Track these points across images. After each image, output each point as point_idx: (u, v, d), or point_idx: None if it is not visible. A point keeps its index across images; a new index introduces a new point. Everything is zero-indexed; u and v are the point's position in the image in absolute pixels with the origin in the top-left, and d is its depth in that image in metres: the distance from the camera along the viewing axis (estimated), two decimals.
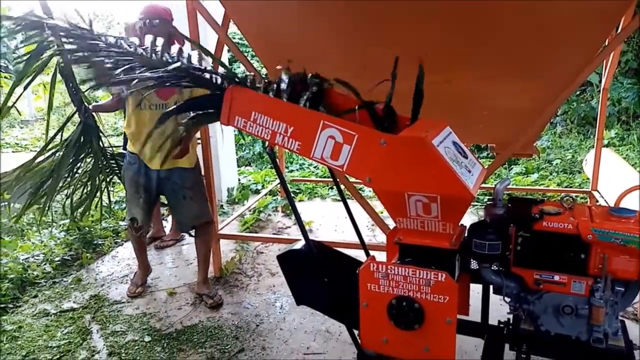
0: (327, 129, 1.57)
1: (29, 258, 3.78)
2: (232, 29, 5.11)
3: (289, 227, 4.62)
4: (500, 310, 1.80)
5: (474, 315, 1.81)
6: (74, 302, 3.25)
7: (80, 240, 4.11)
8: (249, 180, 5.87)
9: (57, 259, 3.84)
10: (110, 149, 3.69)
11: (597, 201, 3.95)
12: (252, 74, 1.90)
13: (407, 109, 1.68)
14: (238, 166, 6.22)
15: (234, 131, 5.53)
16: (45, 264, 3.74)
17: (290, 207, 1.88)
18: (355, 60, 2.81)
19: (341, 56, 2.90)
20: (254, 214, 4.78)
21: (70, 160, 3.39)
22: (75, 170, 3.50)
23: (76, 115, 3.43)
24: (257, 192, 5.56)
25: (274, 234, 4.48)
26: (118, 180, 3.79)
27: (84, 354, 2.69)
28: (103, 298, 3.30)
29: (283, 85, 1.73)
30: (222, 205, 5.18)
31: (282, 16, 2.83)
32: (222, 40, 3.12)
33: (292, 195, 5.40)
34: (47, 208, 3.34)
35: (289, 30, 2.89)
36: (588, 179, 4.32)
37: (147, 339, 2.80)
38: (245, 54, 3.41)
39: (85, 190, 3.51)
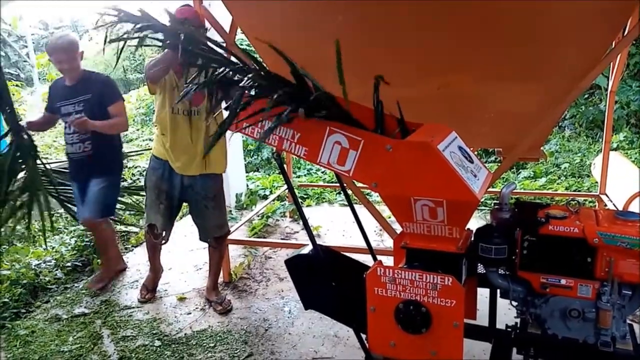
0: (334, 134, 1.59)
1: (40, 264, 3.82)
2: (240, 36, 5.16)
3: (297, 232, 4.63)
4: (508, 314, 1.80)
5: (482, 319, 1.82)
6: (85, 308, 3.29)
7: (91, 247, 4.15)
8: (257, 186, 5.89)
9: (68, 264, 3.88)
10: (46, 166, 3.48)
11: (606, 205, 3.93)
12: None
13: (408, 115, 1.70)
14: (246, 172, 6.25)
15: (242, 137, 5.57)
16: (56, 270, 3.78)
17: (298, 212, 1.87)
18: (358, 64, 2.82)
19: (344, 59, 2.90)
20: (262, 219, 4.80)
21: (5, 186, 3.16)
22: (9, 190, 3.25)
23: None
24: (265, 197, 5.57)
25: (282, 239, 4.50)
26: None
27: (95, 358, 2.72)
28: (114, 303, 3.33)
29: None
30: (230, 211, 5.21)
31: (286, 20, 2.84)
32: (229, 46, 3.13)
33: (300, 200, 5.42)
34: None
35: (293, 34, 2.90)
36: (597, 182, 4.30)
37: (157, 343, 2.83)
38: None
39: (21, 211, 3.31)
